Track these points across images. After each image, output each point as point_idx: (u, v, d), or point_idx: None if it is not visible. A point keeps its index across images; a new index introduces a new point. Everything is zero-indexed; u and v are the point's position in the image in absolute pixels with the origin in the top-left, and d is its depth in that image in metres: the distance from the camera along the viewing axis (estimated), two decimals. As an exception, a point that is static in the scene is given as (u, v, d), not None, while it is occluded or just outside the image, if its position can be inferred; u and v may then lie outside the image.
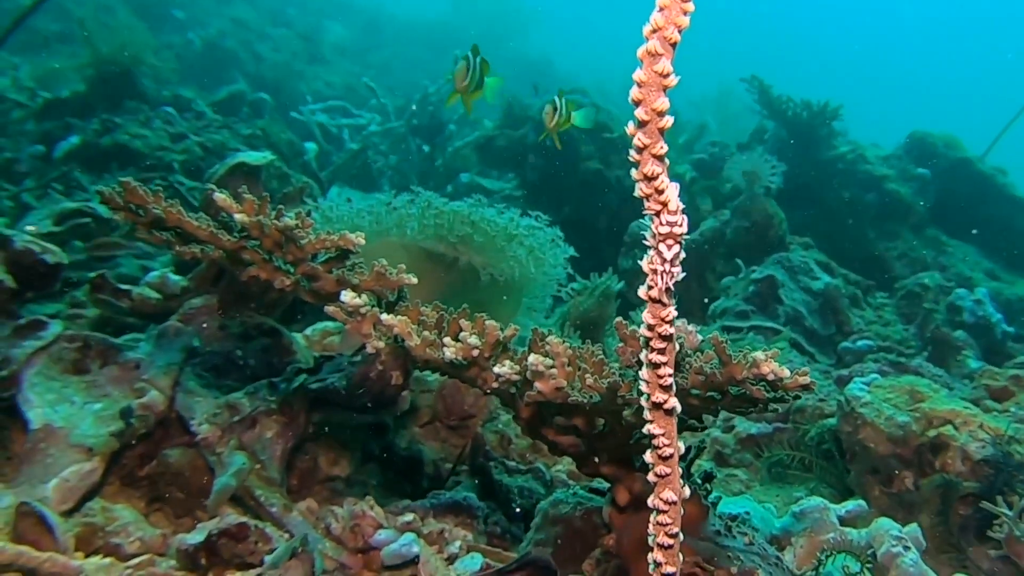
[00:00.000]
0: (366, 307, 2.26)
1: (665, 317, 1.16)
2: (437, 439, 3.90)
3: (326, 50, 15.17)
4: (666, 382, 1.19)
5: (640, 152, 1.12)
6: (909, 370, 4.80)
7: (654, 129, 1.11)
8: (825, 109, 8.71)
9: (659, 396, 1.20)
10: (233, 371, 3.52)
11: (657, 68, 1.07)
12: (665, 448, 1.23)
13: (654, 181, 1.12)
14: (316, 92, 12.66)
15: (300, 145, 8.02)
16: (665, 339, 1.17)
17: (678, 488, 1.28)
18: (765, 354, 1.98)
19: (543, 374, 2.15)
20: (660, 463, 1.25)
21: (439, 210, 3.62)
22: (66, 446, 2.92)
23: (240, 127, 7.45)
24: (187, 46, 12.45)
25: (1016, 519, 2.55)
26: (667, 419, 1.22)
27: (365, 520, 2.94)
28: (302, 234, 2.37)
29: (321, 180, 7.88)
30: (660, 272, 1.16)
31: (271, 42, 13.81)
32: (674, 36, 1.06)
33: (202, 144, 6.70)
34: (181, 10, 13.09)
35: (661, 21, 1.06)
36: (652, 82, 1.09)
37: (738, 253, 6.96)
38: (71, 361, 3.23)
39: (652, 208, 1.13)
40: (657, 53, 1.07)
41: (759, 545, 2.52)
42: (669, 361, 1.19)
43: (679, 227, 1.13)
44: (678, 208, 1.12)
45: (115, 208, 2.37)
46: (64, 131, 6.59)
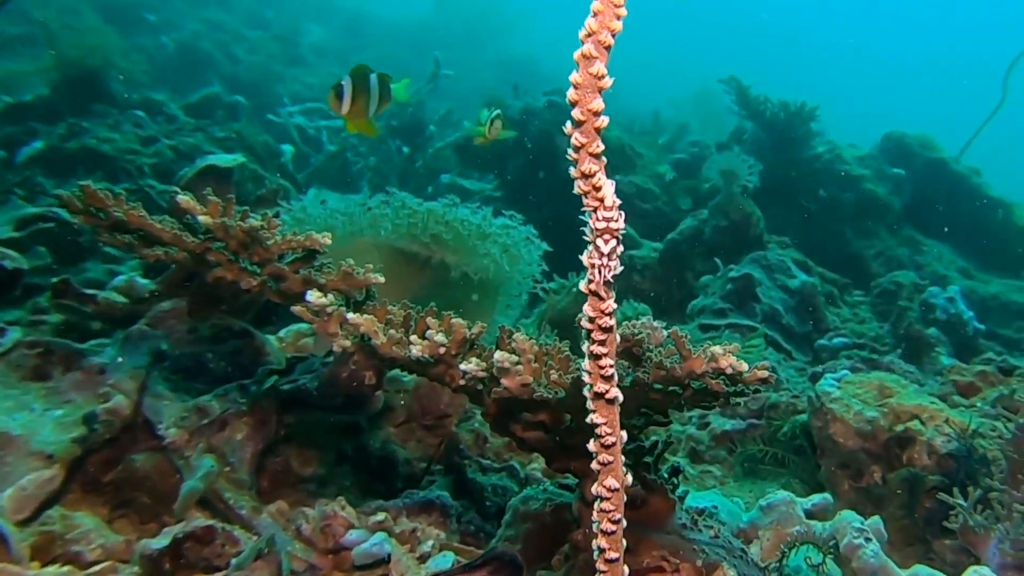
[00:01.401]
0: (332, 306, 2.26)
1: (604, 309, 1.20)
2: (413, 439, 3.88)
3: (305, 51, 15.13)
4: (607, 372, 1.22)
5: (577, 151, 1.18)
6: (881, 367, 4.83)
7: (590, 129, 1.16)
8: (802, 110, 8.79)
9: (601, 386, 1.24)
10: (204, 374, 3.49)
11: (592, 71, 1.12)
12: (607, 437, 1.26)
13: (591, 179, 1.17)
14: (295, 94, 12.60)
15: (276, 147, 7.99)
16: (605, 331, 1.21)
17: (620, 476, 1.30)
18: (724, 348, 2.00)
19: (509, 370, 2.15)
20: (603, 451, 1.27)
21: (412, 210, 3.63)
22: (25, 454, 2.87)
23: (214, 130, 7.41)
24: (160, 49, 12.31)
25: (970, 510, 2.57)
26: (609, 408, 1.25)
27: (336, 520, 2.93)
28: (267, 235, 2.36)
29: (299, 182, 7.86)
30: (598, 266, 1.20)
31: (247, 44, 13.73)
32: (607, 40, 1.11)
33: (174, 147, 6.65)
34: (153, 13, 12.97)
35: (595, 26, 1.10)
36: (588, 84, 1.14)
37: (716, 252, 6.99)
38: (31, 368, 3.18)
39: (590, 205, 1.19)
40: (592, 56, 1.12)
41: (724, 538, 2.53)
42: (610, 352, 1.22)
43: (615, 223, 1.18)
44: (614, 204, 1.17)
45: (75, 212, 2.36)
46: (28, 136, 6.50)
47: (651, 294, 7.04)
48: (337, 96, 3.41)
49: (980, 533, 2.64)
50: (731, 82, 8.90)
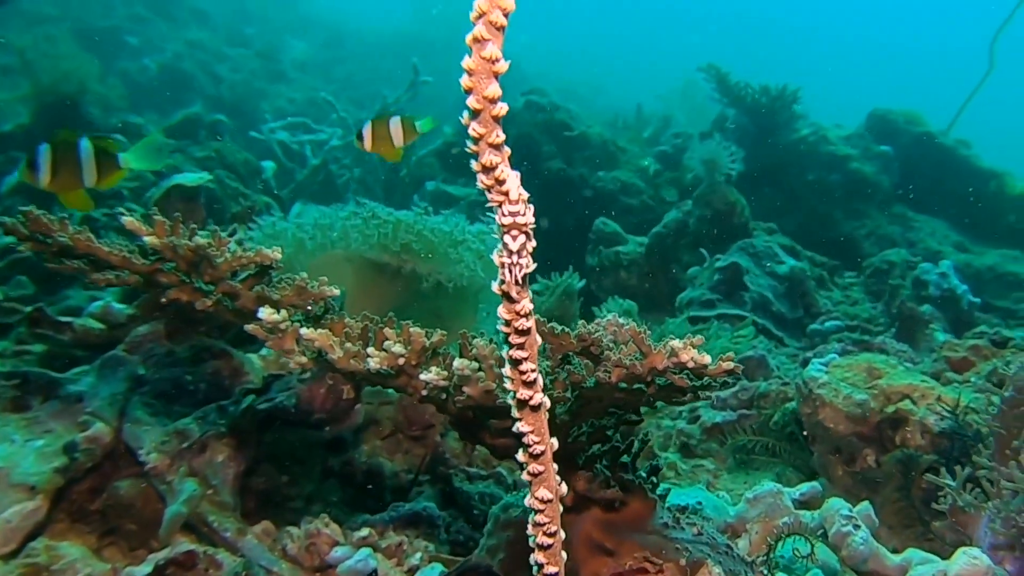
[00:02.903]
0: (285, 323, 2.22)
1: (519, 311, 1.11)
2: (400, 450, 3.86)
3: (287, 67, 15.09)
4: (529, 378, 1.15)
5: (476, 142, 1.08)
6: (873, 347, 4.78)
7: (488, 117, 1.06)
8: (784, 93, 8.73)
9: (524, 392, 1.16)
10: (183, 396, 3.45)
11: (485, 54, 1.02)
12: (536, 446, 1.19)
13: (493, 171, 1.08)
14: (278, 109, 12.58)
15: (257, 164, 7.95)
16: (522, 333, 1.13)
17: (553, 485, 1.25)
18: (684, 342, 1.96)
19: (470, 378, 2.12)
20: (532, 461, 1.21)
21: (382, 220, 3.59)
22: (6, 486, 2.86)
23: (194, 150, 7.37)
24: (142, 71, 12.29)
25: (959, 490, 2.52)
26: (535, 416, 1.18)
27: (320, 538, 2.92)
28: (216, 253, 2.32)
29: (281, 198, 7.82)
30: (508, 265, 1.11)
31: (230, 62, 13.71)
32: (500, 20, 1.01)
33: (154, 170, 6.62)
34: (134, 36, 12.96)
35: (485, 5, 1.01)
36: (481, 69, 1.03)
37: (702, 242, 6.95)
38: (9, 399, 3.17)
39: (495, 200, 1.09)
40: (484, 39, 1.02)
41: (708, 535, 2.49)
42: (531, 356, 1.15)
43: (522, 216, 1.08)
44: (520, 197, 1.08)
45: (21, 239, 2.33)
46: (9, 165, 6.48)
47: (639, 289, 6.99)
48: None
49: (970, 512, 2.60)
50: (710, 70, 8.85)
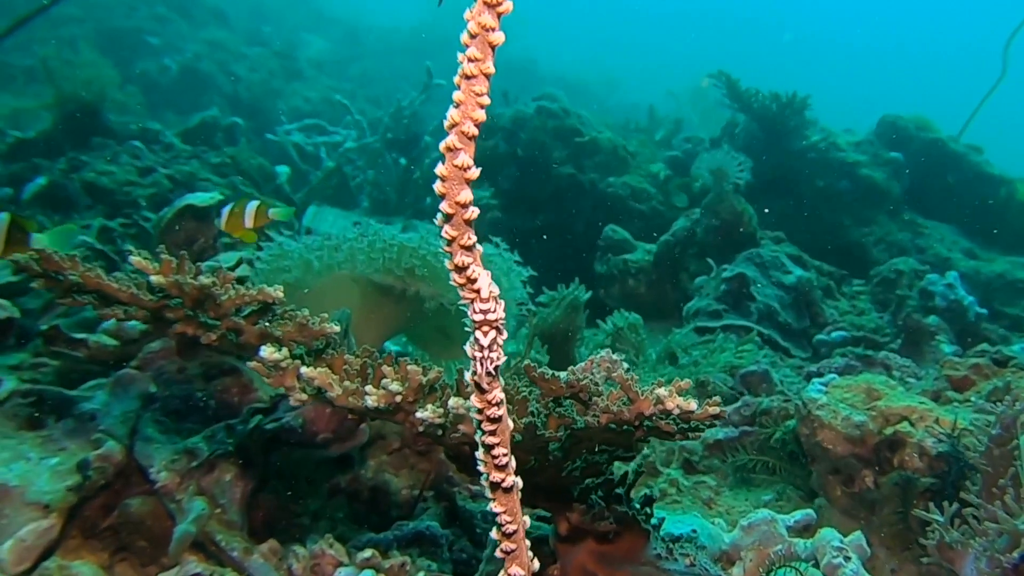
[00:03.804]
0: (286, 360, 2.29)
1: (491, 400, 1.18)
2: (406, 466, 3.90)
3: (304, 66, 15.20)
4: (501, 462, 1.22)
5: (449, 244, 1.15)
6: (876, 363, 4.82)
7: (460, 221, 1.13)
8: (794, 100, 8.72)
9: (496, 476, 1.23)
10: (194, 413, 3.53)
11: (457, 163, 1.09)
12: (508, 525, 1.26)
13: (465, 271, 1.14)
14: (295, 109, 12.69)
15: (271, 169, 8.04)
16: (494, 421, 1.20)
17: (526, 563, 1.31)
18: (670, 389, 2.01)
19: (464, 417, 2.18)
20: (505, 540, 1.28)
21: (387, 243, 3.65)
22: (22, 504, 2.93)
23: (209, 156, 7.46)
24: (163, 72, 12.46)
25: (947, 525, 2.57)
26: (507, 496, 1.25)
27: (324, 559, 2.97)
28: (220, 291, 2.39)
29: (295, 202, 7.90)
30: (479, 359, 1.16)
31: (248, 62, 13.84)
32: (471, 131, 1.08)
33: (171, 176, 6.72)
34: (155, 36, 13.11)
35: (458, 117, 1.08)
36: (453, 176, 1.10)
37: (709, 252, 6.99)
38: (25, 417, 3.25)
39: (466, 297, 1.15)
40: (456, 148, 1.09)
41: (701, 565, 2.55)
42: (502, 441, 1.22)
43: (492, 313, 1.14)
44: (490, 296, 1.14)
45: (33, 276, 2.40)
46: (32, 172, 6.61)
47: (647, 298, 7.04)
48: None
49: (957, 549, 2.63)
50: (720, 76, 8.85)
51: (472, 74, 1.06)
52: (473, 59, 1.06)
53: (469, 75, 1.06)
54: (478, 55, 1.06)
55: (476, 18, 1.07)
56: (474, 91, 1.07)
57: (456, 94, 1.08)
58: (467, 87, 1.07)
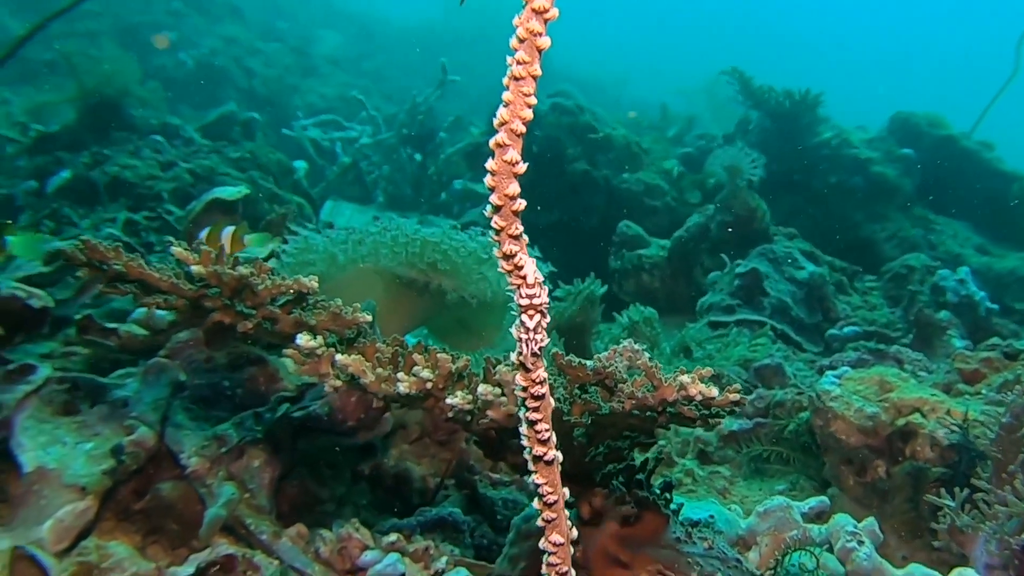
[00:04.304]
0: (321, 348, 2.38)
1: (535, 379, 1.26)
2: (427, 455, 3.98)
3: (319, 61, 15.30)
4: (543, 436, 1.30)
5: (498, 233, 1.21)
6: (888, 357, 4.88)
7: (508, 212, 1.20)
8: (807, 96, 8.79)
9: (539, 449, 1.31)
10: (221, 401, 3.60)
11: (507, 158, 1.17)
12: (549, 496, 1.34)
13: (512, 259, 1.21)
14: (310, 105, 12.78)
15: (289, 164, 8.13)
16: (537, 399, 1.28)
17: (565, 531, 1.39)
18: (693, 376, 2.09)
19: (493, 403, 2.26)
20: (546, 509, 1.36)
21: (409, 238, 3.74)
22: (59, 487, 3.01)
23: (229, 150, 7.55)
24: (179, 67, 12.58)
25: (957, 510, 2.64)
26: (548, 469, 1.33)
27: (351, 543, 3.05)
28: (257, 281, 2.48)
29: (312, 197, 7.99)
30: (525, 340, 1.24)
31: (263, 57, 13.94)
32: (519, 128, 1.15)
33: (191, 171, 6.81)
34: (172, 31, 13.21)
35: (507, 115, 1.15)
36: (503, 171, 1.18)
37: (723, 247, 7.07)
38: (61, 403, 3.33)
39: (513, 283, 1.23)
40: (505, 144, 1.17)
41: (719, 548, 2.62)
42: (545, 417, 1.30)
43: (538, 298, 1.22)
44: (536, 282, 1.21)
45: (79, 265, 2.49)
46: (56, 165, 6.72)
47: (661, 293, 7.11)
48: None
49: (968, 533, 2.71)
50: (734, 73, 8.91)
51: (520, 76, 1.14)
52: (521, 62, 1.14)
53: (518, 76, 1.14)
54: (526, 58, 1.14)
55: (524, 24, 1.13)
56: (522, 91, 1.15)
57: (505, 95, 1.16)
58: (515, 88, 1.15)
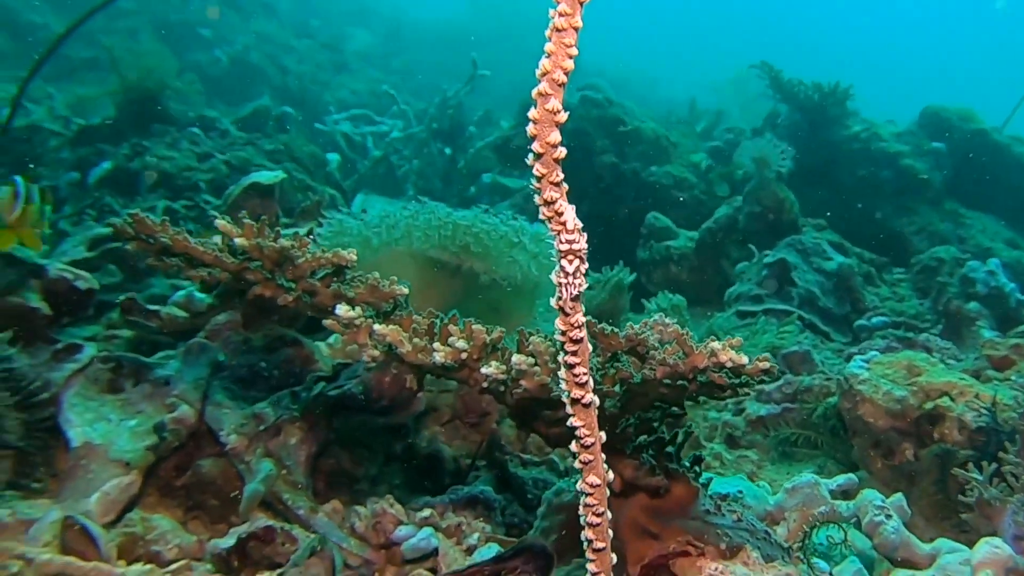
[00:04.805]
0: (360, 319, 2.45)
1: (573, 323, 1.31)
2: (458, 436, 4.04)
3: (350, 58, 15.47)
4: (581, 379, 1.35)
5: (539, 180, 1.26)
6: (916, 344, 4.90)
7: (549, 160, 1.24)
8: (836, 90, 8.79)
9: (577, 392, 1.37)
10: (258, 382, 3.69)
11: (548, 107, 1.21)
12: (587, 438, 1.39)
13: (553, 205, 1.26)
14: (341, 101, 12.91)
15: (322, 156, 8.25)
16: (576, 342, 1.33)
17: (601, 473, 1.44)
18: (724, 343, 2.14)
19: (527, 372, 2.32)
20: (583, 451, 1.41)
21: (442, 221, 3.81)
22: (105, 461, 3.11)
23: (264, 143, 7.68)
24: (214, 63, 12.79)
25: (985, 483, 2.68)
26: (586, 412, 1.38)
27: (386, 518, 3.11)
28: (298, 253, 2.55)
29: (344, 189, 8.09)
30: (564, 284, 1.29)
31: (296, 54, 14.13)
32: (561, 78, 1.20)
33: (227, 162, 6.94)
34: (207, 28, 13.43)
35: (549, 66, 1.20)
36: (545, 119, 1.22)
37: (751, 238, 7.09)
38: (106, 381, 3.44)
39: (554, 229, 1.28)
40: (547, 94, 1.21)
41: (748, 521, 2.66)
42: (583, 361, 1.35)
43: (577, 244, 1.27)
44: (576, 228, 1.26)
45: (128, 238, 2.58)
46: (97, 157, 6.88)
47: (689, 283, 7.15)
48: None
49: (996, 505, 2.75)
50: (763, 67, 8.92)
51: (562, 27, 1.18)
52: (564, 13, 1.18)
53: (560, 28, 1.18)
54: (568, 10, 1.18)
55: None
56: (564, 43, 1.19)
57: (547, 45, 1.20)
58: (557, 39, 1.19)
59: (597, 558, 1.50)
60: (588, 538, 1.50)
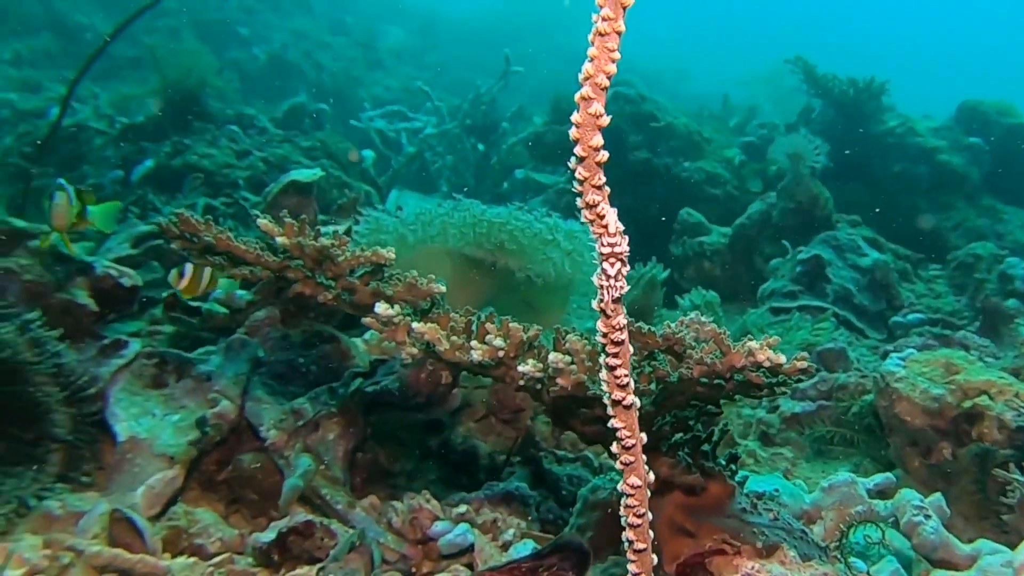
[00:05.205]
0: (399, 316, 2.48)
1: (615, 325, 1.33)
2: (492, 433, 4.06)
3: (384, 55, 15.58)
4: (622, 381, 1.37)
5: (582, 183, 1.27)
6: (953, 342, 4.86)
7: (592, 163, 1.25)
8: (871, 84, 8.71)
9: (618, 394, 1.38)
10: (297, 378, 3.74)
11: (591, 111, 1.22)
12: (627, 439, 1.41)
13: (595, 208, 1.27)
14: (375, 97, 12.99)
15: (358, 153, 8.32)
16: (617, 344, 1.35)
17: (642, 473, 1.46)
18: (761, 343, 2.15)
19: (563, 370, 2.34)
20: (624, 452, 1.43)
21: (477, 218, 3.84)
22: (150, 456, 3.18)
23: (300, 140, 7.78)
24: (252, 61, 12.97)
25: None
26: (627, 413, 1.40)
27: (422, 513, 3.14)
28: (338, 252, 2.59)
29: (379, 186, 8.16)
30: (606, 287, 1.31)
31: (331, 51, 14.26)
32: (604, 83, 1.21)
33: (265, 159, 7.05)
34: (245, 27, 13.61)
35: (592, 70, 1.21)
36: (587, 123, 1.23)
37: (785, 234, 7.06)
38: (150, 376, 3.51)
39: (596, 232, 1.29)
40: (590, 98, 1.22)
41: (784, 520, 2.66)
42: (624, 363, 1.37)
43: (619, 247, 1.29)
44: (617, 231, 1.27)
45: (172, 237, 2.63)
46: (140, 155, 7.00)
47: (722, 279, 7.13)
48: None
49: (1036, 506, 2.73)
50: (797, 62, 8.87)
51: (605, 32, 1.19)
52: (606, 18, 1.18)
53: (603, 32, 1.19)
54: (611, 15, 1.18)
55: None
56: (607, 47, 1.20)
57: (591, 50, 1.21)
58: (600, 43, 1.20)
59: (638, 559, 1.52)
60: (629, 539, 1.52)
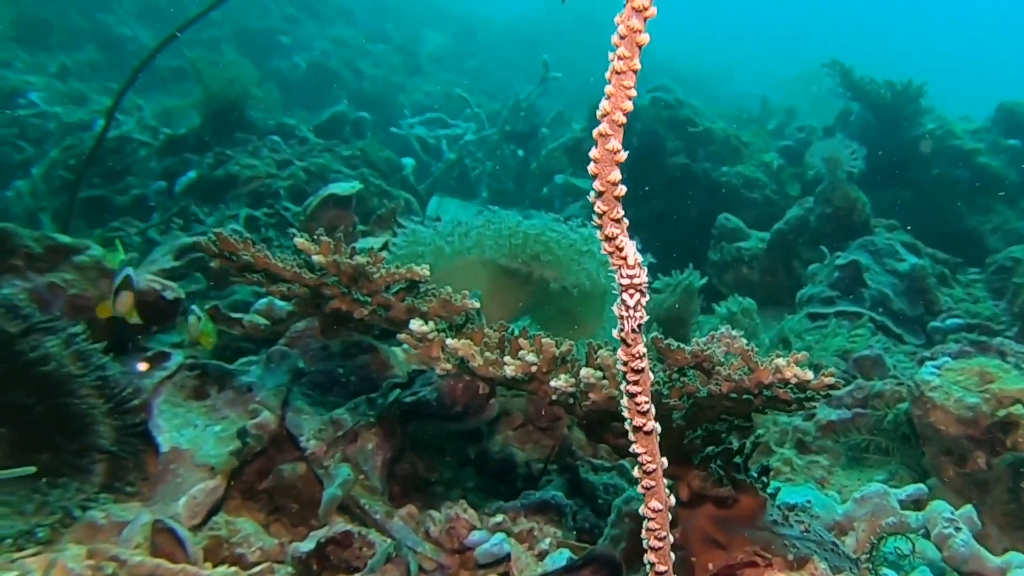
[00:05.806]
0: (433, 333, 2.54)
1: (635, 354, 1.37)
2: (529, 441, 4.09)
3: (423, 61, 15.72)
4: (643, 408, 1.41)
5: (600, 217, 1.32)
6: (990, 348, 4.82)
7: (610, 198, 1.30)
8: (909, 87, 8.63)
9: (639, 420, 1.43)
10: (336, 388, 3.80)
11: (608, 147, 1.27)
12: (648, 464, 1.46)
13: (614, 241, 1.31)
14: (416, 103, 13.11)
15: (398, 161, 8.42)
16: (637, 372, 1.39)
17: (663, 497, 1.50)
18: (788, 359, 2.18)
19: (595, 385, 2.38)
20: (645, 477, 1.48)
21: (512, 230, 3.90)
22: (192, 466, 3.26)
23: (341, 148, 7.87)
24: (293, 69, 13.16)
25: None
26: (647, 439, 1.44)
27: (459, 523, 3.19)
28: (373, 269, 2.66)
29: (420, 193, 8.23)
30: (626, 317, 1.35)
31: (371, 58, 14.42)
32: (620, 119, 1.25)
33: (306, 169, 7.14)
34: (286, 36, 13.81)
35: (608, 107, 1.25)
36: (605, 159, 1.28)
37: (822, 239, 7.05)
38: (192, 388, 3.60)
39: (615, 264, 1.33)
40: (607, 134, 1.27)
41: (815, 532, 2.68)
42: (644, 390, 1.41)
43: (638, 278, 1.32)
44: (636, 263, 1.31)
45: (212, 256, 2.71)
46: (183, 166, 7.16)
47: (760, 285, 7.12)
48: None
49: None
50: (834, 65, 8.82)
51: (621, 70, 1.23)
52: (622, 57, 1.23)
53: (619, 71, 1.23)
54: (627, 54, 1.23)
55: (625, 22, 1.22)
56: (623, 85, 1.24)
57: (607, 88, 1.25)
58: (617, 82, 1.24)
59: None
60: (651, 561, 1.56)
